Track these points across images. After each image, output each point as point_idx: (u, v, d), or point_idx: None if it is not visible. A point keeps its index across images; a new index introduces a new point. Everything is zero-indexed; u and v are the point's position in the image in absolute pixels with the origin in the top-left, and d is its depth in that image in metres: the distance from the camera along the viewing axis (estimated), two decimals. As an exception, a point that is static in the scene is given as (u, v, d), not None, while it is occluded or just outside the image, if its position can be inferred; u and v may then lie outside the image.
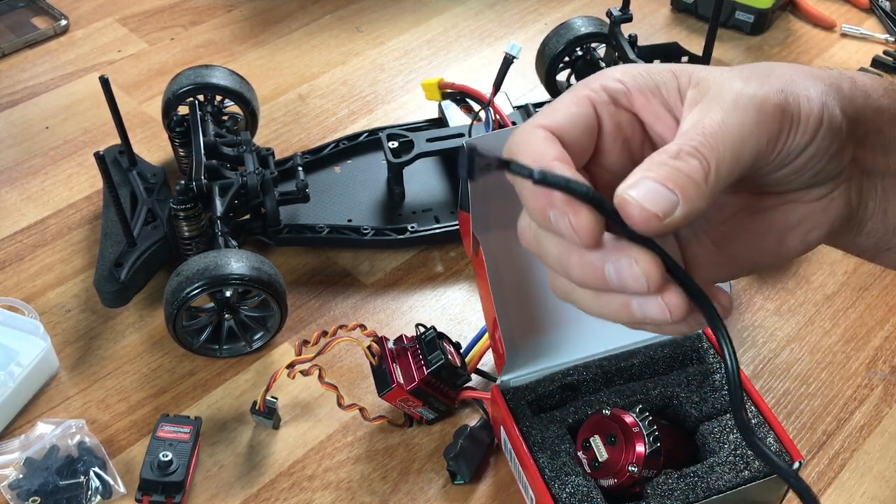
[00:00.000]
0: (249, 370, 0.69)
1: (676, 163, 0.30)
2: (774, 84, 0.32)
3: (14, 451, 0.62)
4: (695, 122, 0.32)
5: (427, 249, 0.79)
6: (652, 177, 0.30)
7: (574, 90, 0.35)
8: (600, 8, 1.01)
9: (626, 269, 0.30)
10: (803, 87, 0.33)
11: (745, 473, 0.54)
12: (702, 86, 0.33)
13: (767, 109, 0.31)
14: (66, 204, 0.83)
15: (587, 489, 0.53)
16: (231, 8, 1.10)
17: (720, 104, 0.32)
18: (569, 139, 0.33)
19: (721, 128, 0.31)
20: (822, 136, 0.32)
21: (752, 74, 0.33)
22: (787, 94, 0.32)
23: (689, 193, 0.30)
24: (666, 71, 0.34)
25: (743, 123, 0.31)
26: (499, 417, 0.60)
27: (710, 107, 0.32)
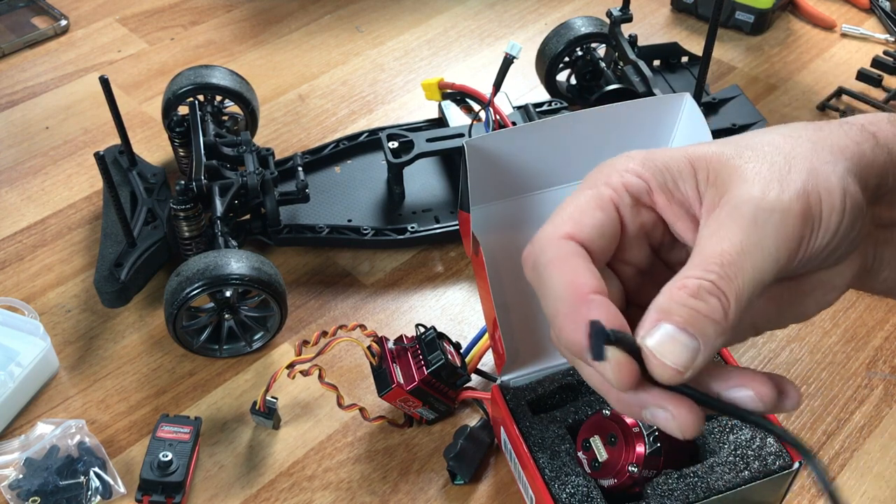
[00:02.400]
0: (249, 370, 0.69)
1: (696, 304, 0.30)
2: (795, 183, 0.31)
3: (14, 452, 0.62)
4: (713, 245, 0.31)
5: (427, 249, 0.79)
6: (672, 321, 0.30)
7: (595, 187, 0.34)
8: (600, 8, 1.01)
9: (662, 420, 0.31)
10: (824, 177, 0.31)
11: (745, 473, 0.54)
12: (719, 185, 0.32)
13: (789, 222, 0.30)
14: (66, 204, 0.83)
15: (587, 489, 0.53)
16: (231, 8, 1.10)
17: (738, 221, 0.31)
18: (594, 247, 0.33)
19: (740, 255, 0.30)
20: (845, 226, 0.32)
21: (773, 170, 0.31)
22: (808, 193, 0.31)
23: (710, 334, 0.30)
24: (684, 164, 0.33)
25: (763, 244, 0.30)
26: (499, 417, 0.60)
27: (728, 223, 0.31)
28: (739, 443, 0.55)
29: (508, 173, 0.52)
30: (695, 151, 0.33)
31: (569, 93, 0.93)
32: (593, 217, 0.33)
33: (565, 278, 0.31)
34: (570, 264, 0.32)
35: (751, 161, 0.32)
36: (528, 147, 0.53)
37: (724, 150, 0.33)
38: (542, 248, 0.33)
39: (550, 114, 0.83)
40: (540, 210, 0.56)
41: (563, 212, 0.33)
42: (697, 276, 0.30)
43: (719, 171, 0.32)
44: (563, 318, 0.31)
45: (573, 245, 0.32)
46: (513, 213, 0.55)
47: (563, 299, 0.31)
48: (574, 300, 0.31)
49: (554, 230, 0.33)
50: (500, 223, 0.55)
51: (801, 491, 0.61)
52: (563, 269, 0.31)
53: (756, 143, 0.33)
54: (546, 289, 0.32)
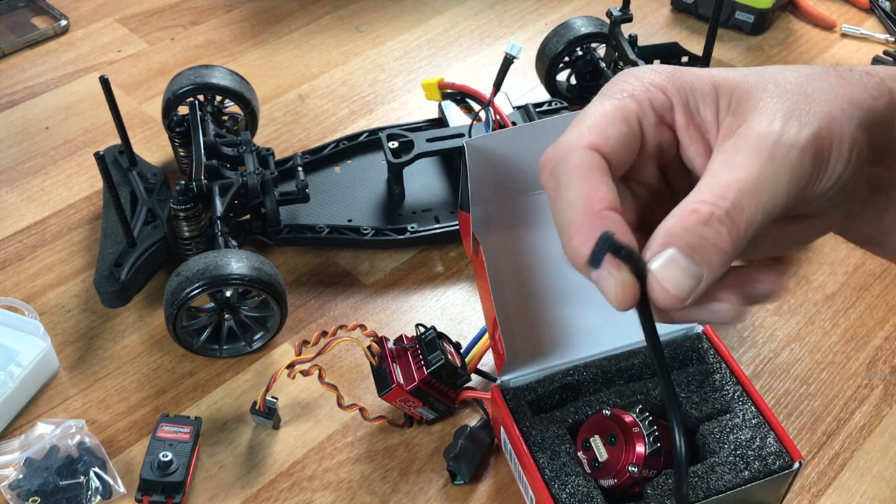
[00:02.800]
0: (249, 370, 0.69)
1: (705, 231, 0.30)
2: (812, 124, 0.31)
3: (14, 452, 0.62)
4: (728, 172, 0.31)
5: (427, 249, 0.79)
6: (679, 247, 0.30)
7: (621, 98, 0.33)
8: (600, 8, 1.01)
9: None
10: (839, 125, 0.31)
11: (745, 473, 0.54)
12: (739, 114, 0.32)
13: (804, 161, 0.31)
14: (66, 204, 0.83)
15: (587, 489, 0.53)
16: (231, 8, 1.10)
17: (757, 152, 0.31)
18: (615, 161, 0.32)
19: (755, 185, 0.30)
20: (847, 175, 0.32)
21: (794, 107, 0.31)
22: (822, 137, 0.31)
23: (715, 263, 0.30)
24: (709, 87, 0.33)
25: (778, 178, 0.30)
26: (499, 417, 0.60)
27: (745, 153, 0.31)
28: (739, 443, 0.55)
29: (508, 173, 0.52)
30: (720, 76, 0.33)
31: (569, 93, 0.93)
32: (618, 129, 0.32)
33: (583, 190, 0.31)
34: (591, 176, 0.31)
35: (774, 96, 0.32)
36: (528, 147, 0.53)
37: (749, 79, 0.33)
38: (564, 156, 0.32)
39: (550, 114, 0.83)
40: (540, 210, 0.56)
41: (587, 119, 0.33)
42: (711, 201, 0.30)
43: (741, 101, 0.32)
44: (575, 230, 0.31)
45: (596, 157, 0.32)
46: (513, 213, 0.55)
47: (578, 210, 0.31)
48: (589, 213, 0.30)
49: (578, 138, 0.32)
50: (500, 223, 0.55)
51: (801, 491, 0.61)
52: (583, 181, 0.31)
53: (781, 78, 0.33)
54: (562, 197, 0.32)
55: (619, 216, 0.31)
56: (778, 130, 0.31)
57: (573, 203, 0.31)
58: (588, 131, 0.32)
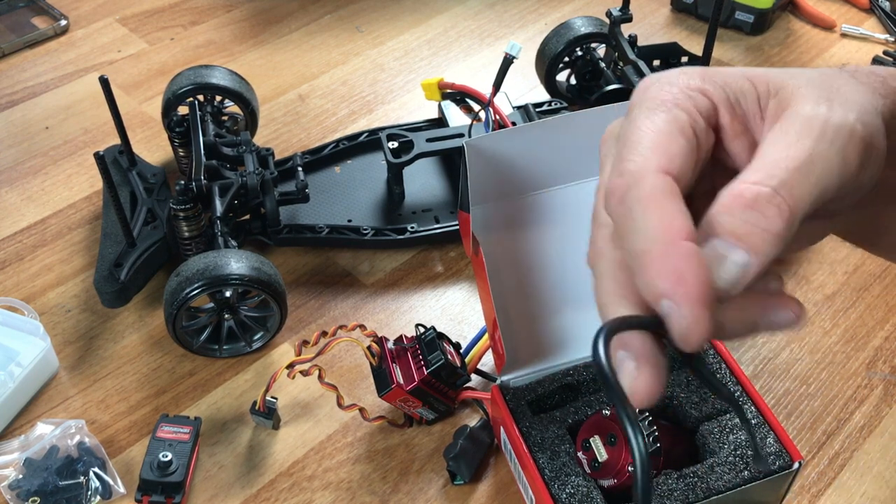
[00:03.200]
0: (249, 370, 0.69)
1: (751, 216, 0.28)
2: (855, 110, 0.30)
3: (14, 452, 0.62)
4: (778, 150, 0.29)
5: (427, 249, 0.79)
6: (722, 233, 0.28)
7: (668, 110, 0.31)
8: (600, 8, 1.01)
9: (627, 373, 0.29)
10: (872, 117, 0.30)
11: (745, 473, 0.54)
12: (782, 95, 0.31)
13: (855, 142, 0.29)
14: (66, 204, 0.83)
15: (587, 489, 0.53)
16: (231, 8, 1.10)
17: (808, 130, 0.29)
18: (682, 180, 0.30)
19: (808, 162, 0.28)
20: (879, 169, 0.31)
21: (831, 93, 0.30)
22: (864, 124, 0.30)
23: (764, 249, 0.28)
24: (742, 79, 0.32)
25: (830, 158, 0.28)
26: (499, 417, 0.60)
27: (796, 130, 0.29)
28: (739, 443, 0.55)
29: (508, 173, 0.52)
30: (750, 71, 0.32)
31: (569, 93, 0.93)
32: (680, 146, 0.30)
33: (662, 219, 0.29)
34: (667, 204, 0.29)
35: (808, 86, 0.31)
36: (528, 147, 0.53)
37: (779, 74, 0.31)
38: (635, 182, 0.30)
39: (550, 114, 0.83)
40: (540, 210, 0.56)
41: (645, 140, 0.30)
42: (756, 180, 0.28)
43: (779, 89, 0.31)
44: (651, 260, 0.28)
45: (668, 181, 0.29)
46: (513, 213, 0.55)
47: (657, 241, 0.28)
48: (668, 244, 0.28)
49: (646, 162, 0.30)
50: (500, 223, 0.55)
51: (801, 491, 0.61)
52: (660, 209, 0.29)
53: (805, 74, 0.31)
54: (636, 227, 0.29)
55: (696, 247, 0.28)
56: (825, 112, 0.29)
57: (650, 234, 0.29)
58: (653, 154, 0.30)
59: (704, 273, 0.28)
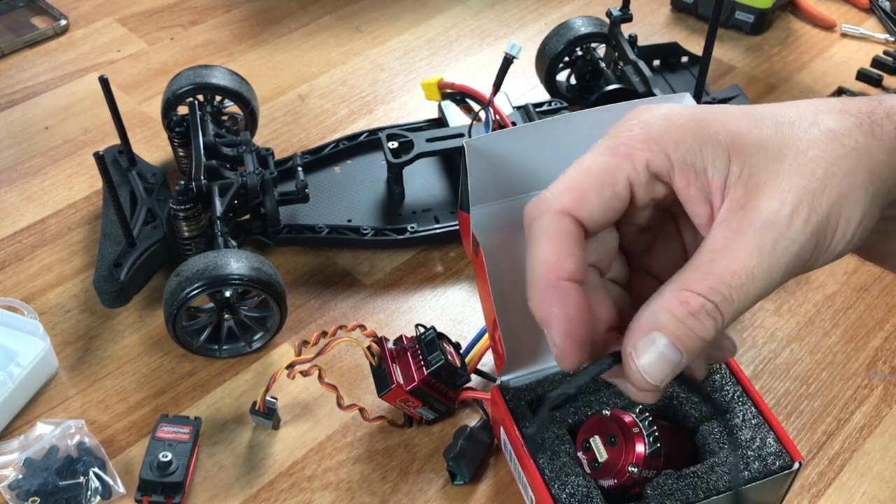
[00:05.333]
0: (249, 370, 0.69)
1: (693, 323, 0.30)
2: (823, 208, 0.31)
3: (13, 452, 0.62)
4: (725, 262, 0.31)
5: (427, 249, 0.79)
6: (665, 332, 0.31)
7: (615, 155, 0.32)
8: (600, 8, 1.01)
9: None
10: (851, 204, 0.31)
11: (744, 474, 0.54)
12: (750, 187, 0.31)
13: (804, 252, 0.31)
14: (66, 204, 0.83)
15: (587, 490, 0.53)
16: (231, 8, 1.10)
17: (759, 245, 0.30)
18: (592, 224, 0.32)
19: (749, 280, 0.30)
20: (846, 250, 0.32)
21: (807, 188, 0.31)
22: (830, 223, 0.31)
23: (695, 351, 0.31)
24: (722, 152, 0.32)
25: (773, 273, 0.30)
26: (499, 418, 0.60)
27: (746, 241, 0.31)
28: (739, 443, 0.55)
29: (508, 173, 0.52)
30: (739, 136, 0.32)
31: (569, 93, 0.93)
32: (600, 194, 0.32)
33: (546, 256, 0.32)
34: (554, 244, 0.32)
35: (790, 172, 0.31)
36: (528, 147, 0.53)
37: (769, 145, 0.32)
38: (537, 216, 0.33)
39: (550, 114, 0.83)
40: (540, 210, 0.56)
41: (568, 178, 0.33)
42: (702, 292, 0.30)
43: (755, 172, 0.31)
44: (533, 290, 0.32)
45: (567, 221, 0.32)
46: (513, 213, 0.55)
47: (538, 275, 0.32)
48: (545, 280, 0.32)
49: (553, 199, 0.32)
50: (500, 223, 0.55)
51: (801, 491, 0.61)
52: (547, 246, 0.32)
53: (804, 144, 0.32)
54: (529, 257, 0.33)
55: (572, 286, 0.31)
56: (785, 219, 0.30)
57: (536, 266, 0.32)
58: (565, 193, 0.32)
59: (574, 313, 0.31)
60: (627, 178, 0.32)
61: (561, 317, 0.31)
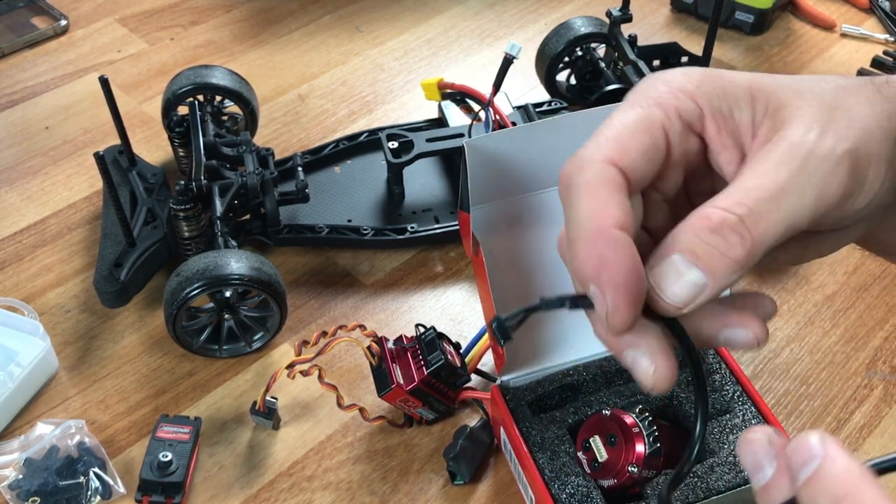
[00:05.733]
0: (249, 370, 0.69)
1: (713, 238, 0.28)
2: (850, 139, 0.29)
3: (14, 452, 0.62)
4: (752, 178, 0.29)
5: (427, 249, 0.79)
6: (682, 251, 0.29)
7: (646, 106, 0.31)
8: (600, 8, 1.01)
9: (642, 368, 0.30)
10: (877, 141, 0.30)
11: (744, 473, 0.54)
12: (779, 116, 0.30)
13: (838, 175, 0.29)
14: (66, 204, 0.83)
15: (587, 489, 0.53)
16: (231, 8, 1.10)
17: (788, 161, 0.29)
18: (635, 175, 0.31)
19: (779, 193, 0.28)
20: (881, 194, 0.31)
21: (832, 119, 0.30)
22: (860, 154, 0.30)
23: (721, 273, 0.28)
24: (744, 91, 0.31)
25: (806, 190, 0.29)
26: (499, 418, 0.60)
27: (776, 160, 0.29)
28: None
29: (508, 173, 0.52)
30: (756, 80, 0.31)
31: (569, 93, 0.93)
32: (640, 142, 0.30)
33: (594, 206, 0.29)
34: (603, 193, 0.30)
35: (812, 105, 0.30)
36: (528, 147, 0.53)
37: (785, 86, 0.31)
38: (579, 169, 0.30)
39: (550, 114, 0.83)
40: (540, 210, 0.56)
41: (608, 130, 0.31)
42: (724, 207, 0.29)
43: (779, 107, 0.31)
44: (580, 245, 0.29)
45: (613, 171, 0.30)
46: (513, 213, 0.55)
47: (586, 228, 0.29)
48: (596, 231, 0.29)
49: (596, 151, 0.30)
50: (500, 223, 0.55)
51: (801, 491, 0.61)
52: (594, 197, 0.30)
53: (819, 88, 0.31)
54: (572, 211, 0.30)
55: (625, 236, 0.29)
56: (813, 140, 0.29)
57: (582, 219, 0.29)
58: (607, 143, 0.30)
59: (630, 262, 0.29)
60: (663, 127, 0.31)
61: (616, 267, 0.28)
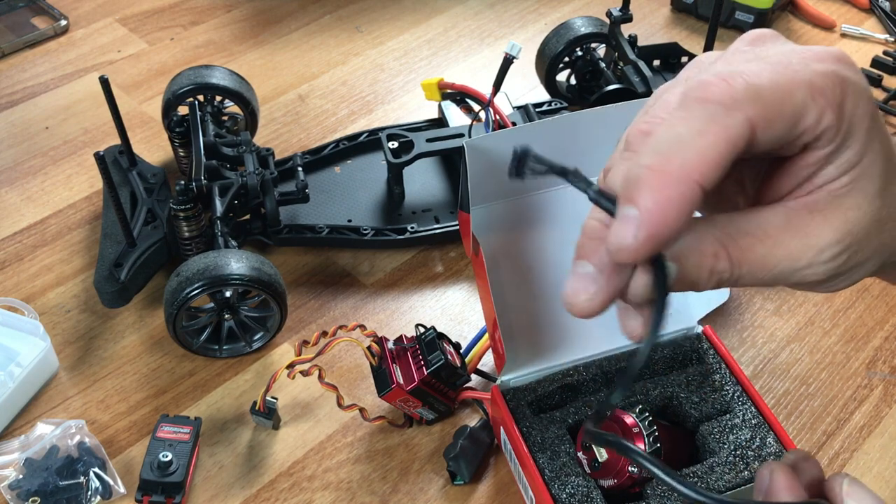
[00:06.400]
0: (249, 370, 0.69)
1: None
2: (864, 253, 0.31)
3: (14, 452, 0.62)
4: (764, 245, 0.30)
5: (427, 249, 0.79)
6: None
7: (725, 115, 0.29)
8: (600, 8, 1.01)
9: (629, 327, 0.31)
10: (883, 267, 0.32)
11: (744, 473, 0.54)
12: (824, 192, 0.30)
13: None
14: (66, 204, 0.83)
15: (587, 489, 0.53)
16: (231, 8, 1.10)
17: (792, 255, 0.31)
18: (755, 149, 0.29)
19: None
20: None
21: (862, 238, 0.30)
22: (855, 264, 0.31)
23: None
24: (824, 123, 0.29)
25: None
26: (499, 418, 0.60)
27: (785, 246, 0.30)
28: (739, 443, 0.55)
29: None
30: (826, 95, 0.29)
31: (569, 93, 0.93)
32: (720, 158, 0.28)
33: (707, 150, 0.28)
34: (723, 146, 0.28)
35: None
36: (528, 147, 0.53)
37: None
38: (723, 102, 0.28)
39: (550, 114, 0.83)
40: (540, 210, 0.56)
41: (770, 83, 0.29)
42: None
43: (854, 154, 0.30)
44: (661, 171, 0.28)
45: (747, 132, 0.28)
46: (513, 213, 0.55)
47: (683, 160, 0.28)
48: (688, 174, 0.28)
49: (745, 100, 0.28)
50: (500, 223, 0.55)
51: (801, 491, 0.61)
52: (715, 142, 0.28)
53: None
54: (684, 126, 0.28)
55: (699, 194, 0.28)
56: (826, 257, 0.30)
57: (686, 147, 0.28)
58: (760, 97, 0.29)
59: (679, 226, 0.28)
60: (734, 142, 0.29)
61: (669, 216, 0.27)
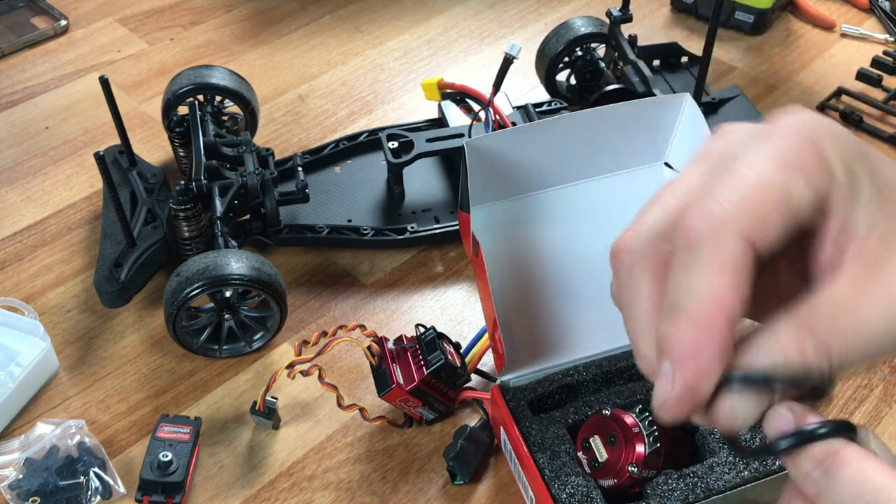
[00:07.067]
0: (249, 370, 0.69)
1: None
2: None
3: (14, 452, 0.62)
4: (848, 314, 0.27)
5: (427, 249, 0.79)
6: None
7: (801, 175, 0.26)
8: (600, 8, 1.01)
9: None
10: None
11: (745, 473, 0.54)
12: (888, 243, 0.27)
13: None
14: (66, 204, 0.83)
15: (587, 489, 0.53)
16: (231, 8, 1.10)
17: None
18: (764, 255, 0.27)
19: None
20: None
21: None
22: None
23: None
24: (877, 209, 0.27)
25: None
26: (499, 418, 0.60)
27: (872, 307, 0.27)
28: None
29: (508, 173, 0.52)
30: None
31: (569, 93, 0.93)
32: (781, 218, 0.26)
33: (719, 289, 0.26)
34: (731, 276, 0.26)
35: None
36: (528, 147, 0.53)
37: None
38: (709, 235, 0.26)
39: (550, 114, 0.83)
40: (540, 210, 0.56)
41: (740, 189, 0.26)
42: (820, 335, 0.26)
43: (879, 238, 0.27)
44: (683, 321, 0.26)
45: (748, 250, 0.26)
46: (513, 213, 0.55)
47: (702, 308, 0.26)
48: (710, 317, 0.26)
49: (730, 219, 0.26)
50: (500, 223, 0.55)
51: (801, 491, 0.61)
52: (723, 277, 0.26)
53: None
54: (691, 279, 0.26)
55: (729, 335, 0.26)
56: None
57: (701, 296, 0.26)
58: (745, 211, 0.26)
59: (716, 369, 0.26)
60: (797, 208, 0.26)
61: (707, 361, 0.26)
